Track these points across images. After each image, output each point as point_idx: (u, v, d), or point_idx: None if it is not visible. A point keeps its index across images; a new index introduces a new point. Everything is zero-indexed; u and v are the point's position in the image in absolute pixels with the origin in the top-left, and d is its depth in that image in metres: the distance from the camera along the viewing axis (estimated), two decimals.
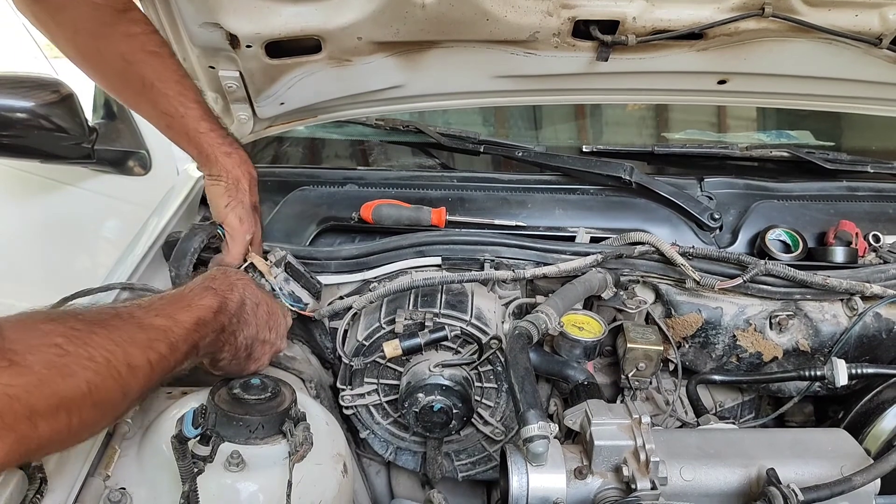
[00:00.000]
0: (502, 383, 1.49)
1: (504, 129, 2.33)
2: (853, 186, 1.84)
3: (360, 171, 1.86)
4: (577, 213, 1.75)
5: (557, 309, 1.35)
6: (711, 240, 1.73)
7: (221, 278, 1.19)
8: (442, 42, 1.52)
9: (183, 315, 1.05)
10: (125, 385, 0.90)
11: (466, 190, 1.78)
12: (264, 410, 1.15)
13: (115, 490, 1.06)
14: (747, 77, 1.67)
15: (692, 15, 1.46)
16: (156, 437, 1.16)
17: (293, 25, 1.40)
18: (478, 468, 1.61)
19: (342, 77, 1.57)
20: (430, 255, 1.55)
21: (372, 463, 1.77)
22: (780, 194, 1.80)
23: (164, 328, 0.99)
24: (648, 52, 1.55)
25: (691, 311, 1.53)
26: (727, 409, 1.67)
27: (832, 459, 1.14)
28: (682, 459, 1.13)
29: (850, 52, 1.57)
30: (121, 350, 0.89)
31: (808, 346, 1.54)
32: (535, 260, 1.54)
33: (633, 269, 1.54)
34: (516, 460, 1.08)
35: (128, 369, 0.90)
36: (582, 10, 1.44)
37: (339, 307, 1.53)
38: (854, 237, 1.65)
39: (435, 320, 1.43)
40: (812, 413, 1.70)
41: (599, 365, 1.60)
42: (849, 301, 1.53)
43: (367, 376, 1.51)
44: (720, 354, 1.57)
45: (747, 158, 1.97)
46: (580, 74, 1.63)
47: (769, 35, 1.52)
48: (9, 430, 0.75)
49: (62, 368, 0.81)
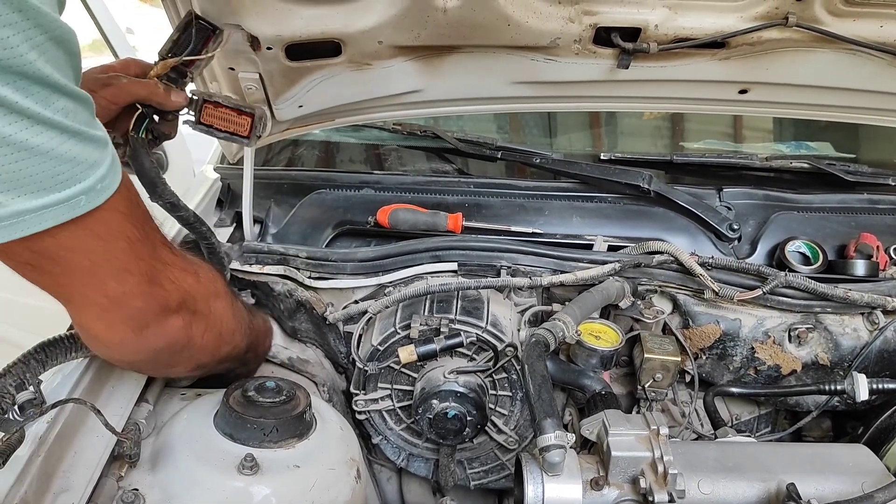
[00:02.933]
0: (517, 391, 1.48)
1: (519, 136, 2.32)
2: (874, 199, 1.82)
3: (377, 175, 1.85)
4: (595, 221, 1.74)
5: (574, 317, 1.34)
6: (730, 250, 1.71)
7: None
8: (462, 47, 1.51)
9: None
10: (232, 340, 1.25)
11: (483, 196, 1.77)
12: (279, 413, 1.15)
13: (129, 491, 1.05)
14: (769, 87, 1.65)
15: (715, 24, 1.45)
16: (169, 439, 1.16)
17: (314, 28, 1.39)
18: (490, 477, 1.60)
19: (361, 81, 1.57)
20: (447, 261, 1.54)
21: (383, 469, 1.76)
22: (800, 206, 1.78)
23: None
24: (670, 60, 1.54)
25: (709, 322, 1.52)
26: (743, 422, 1.65)
27: (853, 475, 1.13)
28: (700, 472, 1.11)
29: (873, 64, 1.55)
30: (245, 322, 1.30)
31: (828, 360, 1.52)
32: (552, 268, 1.53)
33: (651, 279, 1.53)
34: (532, 469, 1.07)
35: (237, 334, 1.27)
36: (604, 17, 1.44)
37: (354, 311, 1.52)
38: (875, 250, 1.63)
39: (450, 326, 1.42)
40: (830, 428, 1.68)
41: (615, 375, 1.59)
42: (870, 315, 1.52)
43: (381, 381, 1.50)
44: (738, 367, 1.55)
45: (767, 169, 1.96)
46: (600, 82, 1.62)
47: (792, 45, 1.50)
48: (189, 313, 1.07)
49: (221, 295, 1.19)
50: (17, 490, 0.94)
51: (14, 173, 0.77)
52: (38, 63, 0.75)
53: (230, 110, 1.31)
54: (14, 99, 0.74)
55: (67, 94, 0.81)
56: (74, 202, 0.84)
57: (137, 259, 0.96)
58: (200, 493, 1.06)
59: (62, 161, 0.81)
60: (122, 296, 0.95)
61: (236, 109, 1.30)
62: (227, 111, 1.31)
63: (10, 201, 0.79)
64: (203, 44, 1.30)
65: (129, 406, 1.20)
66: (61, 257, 0.88)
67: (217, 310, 1.16)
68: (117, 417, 1.17)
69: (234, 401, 1.16)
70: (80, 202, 0.85)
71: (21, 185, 0.78)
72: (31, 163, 0.78)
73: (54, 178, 0.81)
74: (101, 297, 0.94)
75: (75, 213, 0.85)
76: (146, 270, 0.98)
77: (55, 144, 0.80)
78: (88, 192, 0.85)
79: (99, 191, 0.87)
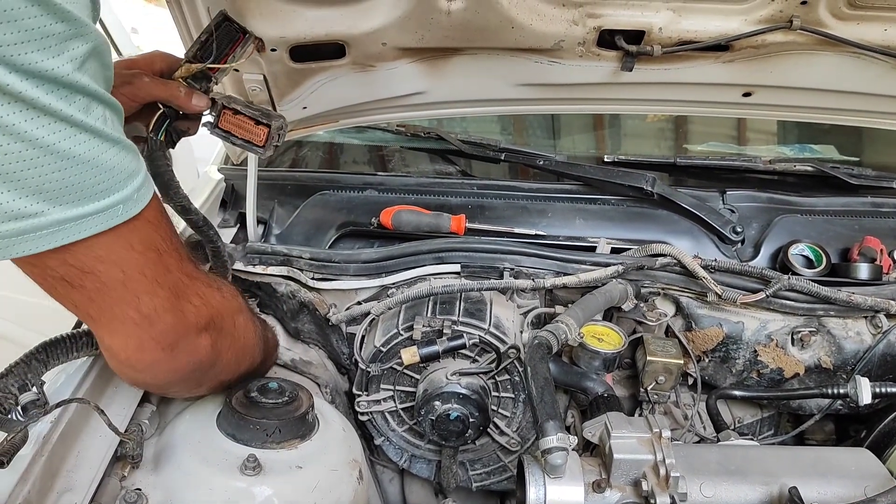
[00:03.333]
0: (519, 393, 1.48)
1: (522, 138, 2.32)
2: (878, 202, 1.82)
3: (380, 176, 1.86)
4: (598, 223, 1.74)
5: (577, 319, 1.34)
6: (733, 253, 1.71)
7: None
8: (466, 49, 1.51)
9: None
10: (252, 355, 1.24)
11: (486, 198, 1.77)
12: (281, 414, 1.15)
13: (132, 491, 1.05)
14: (773, 90, 1.65)
15: (719, 27, 1.45)
16: (172, 439, 1.16)
17: (318, 30, 1.40)
18: (492, 478, 1.60)
19: (365, 82, 1.57)
20: (450, 263, 1.54)
21: (385, 470, 1.76)
22: (804, 209, 1.78)
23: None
24: (674, 62, 1.54)
25: (712, 325, 1.52)
26: (746, 425, 1.65)
27: (855, 479, 1.12)
28: (702, 475, 1.11)
29: (877, 67, 1.55)
30: (261, 335, 1.28)
31: (831, 364, 1.52)
32: (555, 270, 1.53)
33: (654, 281, 1.53)
34: (534, 471, 1.07)
35: (256, 349, 1.25)
36: (608, 20, 1.44)
37: (356, 312, 1.53)
38: (879, 254, 1.62)
39: (453, 328, 1.42)
40: (833, 431, 1.68)
41: (618, 377, 1.59)
42: (873, 318, 1.52)
43: (383, 383, 1.50)
44: (740, 369, 1.55)
45: (770, 172, 1.96)
46: (604, 84, 1.62)
47: (796, 48, 1.50)
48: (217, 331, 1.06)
49: (243, 311, 1.18)
50: (21, 489, 0.94)
51: (57, 182, 0.77)
52: (79, 73, 0.76)
53: (248, 119, 1.30)
54: (59, 107, 0.74)
55: (105, 102, 0.81)
56: (113, 211, 0.84)
57: (166, 272, 0.96)
58: (203, 493, 1.07)
59: (103, 170, 0.81)
60: (154, 312, 0.94)
61: (254, 119, 1.30)
62: (245, 119, 1.30)
63: (51, 210, 0.78)
64: (230, 47, 1.29)
65: (132, 406, 1.21)
66: (96, 270, 0.87)
67: (240, 326, 1.15)
68: (120, 418, 1.17)
69: (236, 402, 1.16)
70: (118, 211, 0.85)
71: (63, 194, 0.78)
72: (74, 171, 0.78)
73: (94, 186, 0.81)
74: (134, 312, 0.92)
75: (113, 222, 0.85)
76: (174, 284, 0.97)
77: (98, 153, 0.80)
78: (126, 202, 0.85)
79: (135, 200, 0.87)
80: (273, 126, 1.28)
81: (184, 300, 0.99)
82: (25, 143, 0.73)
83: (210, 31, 1.26)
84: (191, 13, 1.37)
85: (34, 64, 0.71)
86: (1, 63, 0.69)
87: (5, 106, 0.71)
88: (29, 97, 0.72)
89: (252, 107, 1.29)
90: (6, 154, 0.73)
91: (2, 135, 0.72)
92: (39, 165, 0.75)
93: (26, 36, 0.70)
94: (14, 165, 0.74)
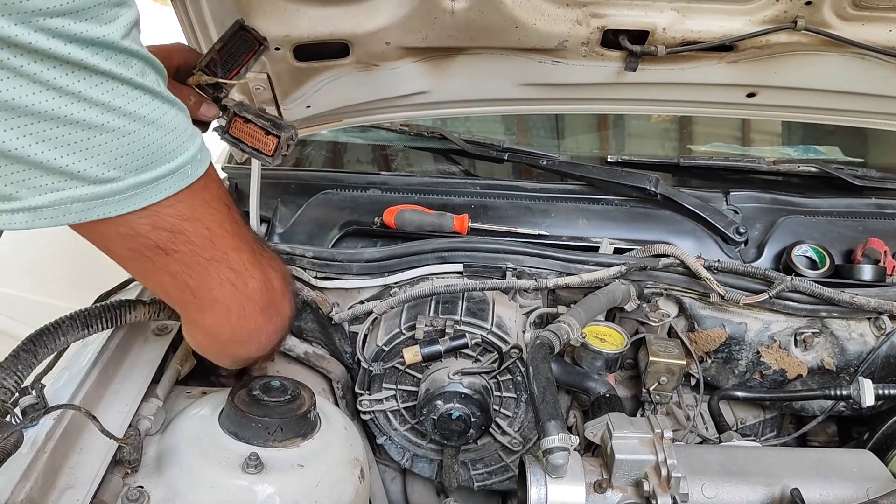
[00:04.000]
0: (521, 393, 1.48)
1: (526, 138, 2.32)
2: (882, 204, 1.81)
3: (384, 175, 1.86)
4: (601, 223, 1.74)
5: (580, 319, 1.34)
6: (736, 254, 1.71)
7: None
8: (469, 49, 1.51)
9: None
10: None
11: (489, 197, 1.77)
12: (283, 413, 1.16)
13: (134, 488, 1.06)
14: (777, 90, 1.65)
15: (723, 27, 1.45)
16: (175, 437, 1.17)
17: (322, 29, 1.40)
18: (494, 478, 1.60)
19: (369, 81, 1.58)
20: (452, 262, 1.54)
21: (387, 469, 1.76)
22: (808, 210, 1.77)
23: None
24: (677, 63, 1.54)
25: (715, 326, 1.52)
26: (748, 426, 1.64)
27: (858, 481, 1.12)
28: (704, 476, 1.11)
29: (882, 68, 1.54)
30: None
31: (834, 365, 1.51)
32: (558, 270, 1.52)
33: (657, 282, 1.52)
34: (535, 471, 1.07)
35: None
36: (612, 20, 1.44)
37: (359, 312, 1.53)
38: (882, 255, 1.62)
39: (455, 328, 1.42)
40: (836, 433, 1.68)
41: (620, 378, 1.59)
42: (876, 320, 1.51)
43: (385, 382, 1.51)
44: (743, 370, 1.54)
45: (774, 173, 1.95)
46: (607, 84, 1.62)
47: (801, 49, 1.50)
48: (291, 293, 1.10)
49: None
50: (23, 486, 0.95)
51: (127, 146, 0.79)
52: (128, 39, 0.77)
53: (258, 129, 1.30)
54: (119, 71, 0.76)
55: (155, 67, 0.83)
56: (184, 171, 0.86)
57: (240, 226, 0.99)
58: (205, 491, 1.07)
59: (168, 130, 0.83)
60: (244, 267, 0.97)
61: (264, 129, 1.29)
62: (255, 129, 1.30)
63: (126, 176, 0.80)
64: (245, 58, 1.31)
65: (135, 404, 1.21)
66: (185, 229, 0.90)
67: (289, 287, 1.16)
68: (122, 415, 1.17)
69: (239, 400, 1.17)
70: (189, 171, 0.87)
71: (134, 160, 0.80)
72: (143, 133, 0.80)
73: (163, 148, 0.83)
74: (227, 270, 0.96)
75: (187, 181, 0.87)
76: (250, 239, 1.01)
77: (161, 114, 0.82)
78: (193, 161, 0.88)
79: (200, 160, 0.90)
80: (283, 137, 1.28)
81: (261, 257, 1.02)
82: (95, 109, 0.75)
83: (225, 39, 1.27)
84: (195, 12, 1.38)
85: (88, 32, 0.73)
86: (56, 35, 0.70)
87: (70, 75, 0.73)
88: (91, 64, 0.73)
89: (263, 116, 1.29)
90: (78, 122, 0.74)
91: (71, 102, 0.73)
92: (110, 130, 0.77)
93: (78, 5, 0.71)
94: (85, 133, 0.75)
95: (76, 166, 0.77)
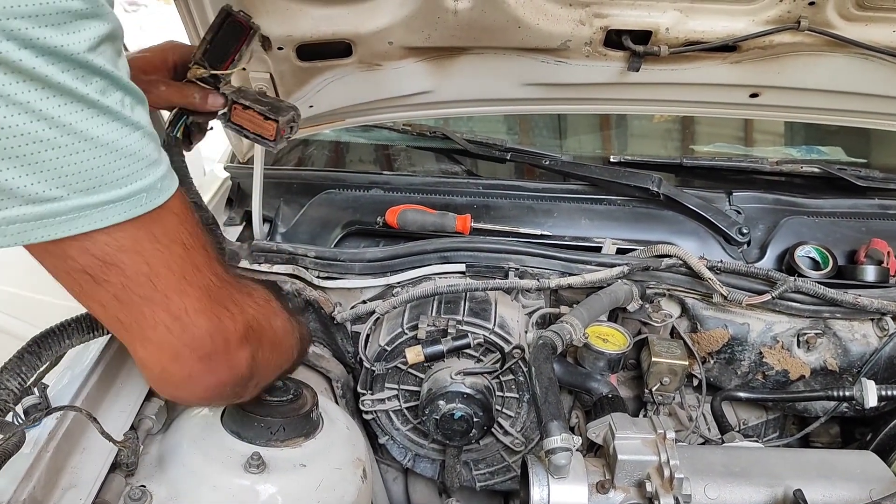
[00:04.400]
0: (524, 393, 1.48)
1: (528, 138, 2.32)
2: (885, 204, 1.81)
3: (386, 175, 1.86)
4: (604, 223, 1.73)
5: (582, 320, 1.33)
6: (739, 255, 1.70)
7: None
8: (472, 48, 1.51)
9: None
10: (290, 355, 1.16)
11: (492, 197, 1.77)
12: (286, 412, 1.16)
13: (136, 487, 1.06)
14: (780, 91, 1.65)
15: (726, 27, 1.45)
16: (177, 436, 1.17)
17: (325, 29, 1.40)
18: (496, 478, 1.60)
19: (371, 81, 1.58)
20: (455, 262, 1.54)
21: (389, 469, 1.76)
22: (810, 210, 1.77)
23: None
24: (680, 63, 1.54)
25: (717, 327, 1.51)
26: (751, 427, 1.65)
27: (861, 482, 1.12)
28: (706, 477, 1.11)
29: (885, 68, 1.54)
30: (296, 333, 1.18)
31: (837, 366, 1.51)
32: (560, 270, 1.52)
33: (660, 282, 1.52)
34: (538, 472, 1.07)
35: (293, 349, 1.16)
36: (615, 20, 1.43)
37: (362, 311, 1.53)
38: (886, 256, 1.62)
39: (458, 328, 1.42)
40: (838, 434, 1.67)
41: (623, 378, 1.59)
42: (879, 321, 1.51)
43: (388, 382, 1.51)
44: (746, 371, 1.54)
45: (777, 173, 1.95)
46: (610, 84, 1.62)
47: (804, 49, 1.50)
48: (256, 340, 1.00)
49: (278, 313, 1.10)
50: (26, 485, 0.94)
51: (76, 165, 0.73)
52: (93, 54, 0.72)
53: (257, 114, 1.28)
54: (74, 86, 0.71)
55: (123, 87, 0.78)
56: (136, 200, 0.80)
57: (195, 269, 0.90)
58: (207, 490, 1.07)
59: (124, 154, 0.77)
60: (185, 313, 0.88)
61: (262, 115, 1.28)
62: (253, 114, 1.29)
63: (70, 195, 0.74)
64: (237, 46, 1.28)
65: (137, 403, 1.21)
66: (119, 262, 0.82)
67: (278, 330, 1.08)
68: (125, 414, 1.17)
69: None
70: (142, 200, 0.80)
71: (83, 179, 0.74)
72: (94, 154, 0.74)
73: (115, 172, 0.77)
74: (164, 312, 0.87)
75: (136, 211, 0.80)
76: (205, 285, 0.91)
77: (118, 136, 0.76)
78: (149, 191, 0.81)
79: (160, 190, 0.83)
80: (281, 121, 1.27)
81: (217, 304, 0.93)
82: (42, 123, 0.70)
83: (214, 28, 1.25)
84: (197, 9, 1.38)
85: (47, 39, 0.68)
86: (12, 38, 0.66)
87: (20, 83, 0.68)
88: (43, 74, 0.68)
89: (262, 101, 1.28)
90: (22, 134, 0.70)
91: (17, 113, 0.69)
92: (57, 147, 0.72)
93: (40, 9, 0.67)
94: (31, 147, 0.70)
95: (13, 182, 0.71)
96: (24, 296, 2.62)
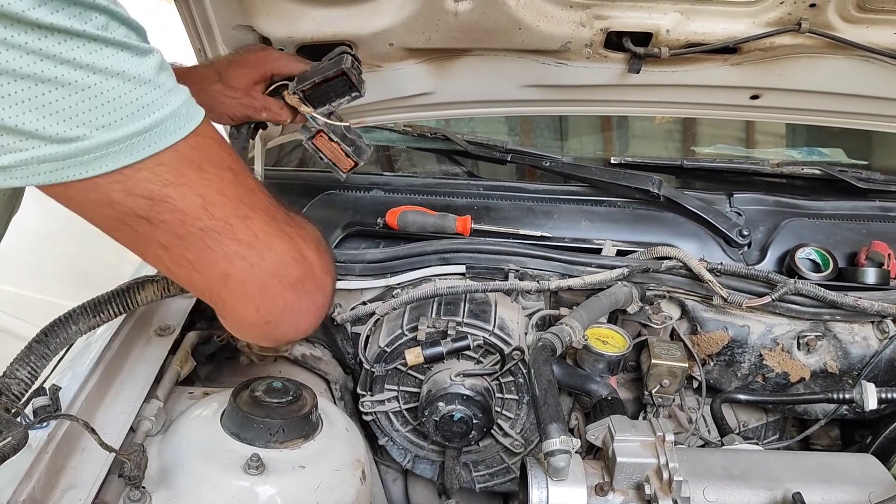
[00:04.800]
0: (523, 395, 1.48)
1: (529, 139, 2.32)
2: (886, 207, 1.80)
3: (387, 176, 1.86)
4: (604, 225, 1.73)
5: (582, 322, 1.33)
6: (740, 256, 1.70)
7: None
8: (473, 50, 1.52)
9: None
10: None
11: (492, 199, 1.77)
12: (285, 414, 1.15)
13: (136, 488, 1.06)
14: (781, 93, 1.65)
15: (727, 29, 1.45)
16: (176, 438, 1.17)
17: (325, 30, 1.40)
18: (496, 480, 1.60)
19: (372, 82, 1.57)
20: (455, 263, 1.54)
21: (389, 470, 1.76)
22: (811, 212, 1.76)
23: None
24: (681, 65, 1.54)
25: (717, 329, 1.51)
26: (751, 429, 1.64)
27: (860, 485, 1.12)
28: (705, 479, 1.11)
29: (886, 71, 1.54)
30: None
31: (837, 368, 1.51)
32: (560, 271, 1.52)
33: (660, 284, 1.52)
34: (537, 474, 1.07)
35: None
36: (615, 22, 1.44)
37: (361, 312, 1.53)
38: (886, 258, 1.61)
39: (458, 329, 1.42)
40: (838, 437, 1.67)
41: (622, 380, 1.58)
42: (880, 324, 1.51)
43: (387, 383, 1.51)
44: (746, 373, 1.54)
45: (778, 175, 1.95)
46: (611, 86, 1.62)
47: (805, 51, 1.50)
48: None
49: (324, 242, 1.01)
50: (25, 486, 0.95)
51: (89, 101, 0.71)
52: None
53: (340, 150, 1.38)
54: (69, 24, 0.68)
55: (125, 22, 0.74)
56: (163, 129, 0.76)
57: (249, 191, 0.85)
58: (206, 491, 1.07)
59: (138, 84, 0.74)
60: (255, 237, 0.84)
61: (345, 153, 1.38)
62: (337, 148, 1.38)
63: (93, 134, 0.72)
64: (339, 98, 1.37)
65: (137, 402, 1.21)
66: (168, 196, 0.79)
67: (329, 258, 1.01)
68: (125, 415, 1.17)
69: (241, 400, 1.16)
70: (169, 128, 0.77)
71: (100, 115, 0.72)
72: (105, 87, 0.71)
73: (133, 103, 0.74)
74: (232, 241, 0.83)
75: (167, 141, 0.77)
76: (265, 206, 0.87)
77: (128, 66, 0.73)
78: (174, 117, 0.77)
79: (186, 116, 0.79)
80: (360, 163, 1.40)
81: (285, 224, 0.89)
82: (46, 63, 0.68)
83: (328, 75, 1.33)
84: (199, 12, 1.38)
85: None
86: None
87: (8, 28, 0.65)
88: (31, 18, 0.66)
89: (348, 137, 1.38)
90: (28, 76, 0.68)
91: (18, 56, 0.66)
92: (66, 84, 0.69)
93: None
94: (39, 88, 0.68)
95: (33, 125, 0.69)
96: (25, 295, 2.63)
